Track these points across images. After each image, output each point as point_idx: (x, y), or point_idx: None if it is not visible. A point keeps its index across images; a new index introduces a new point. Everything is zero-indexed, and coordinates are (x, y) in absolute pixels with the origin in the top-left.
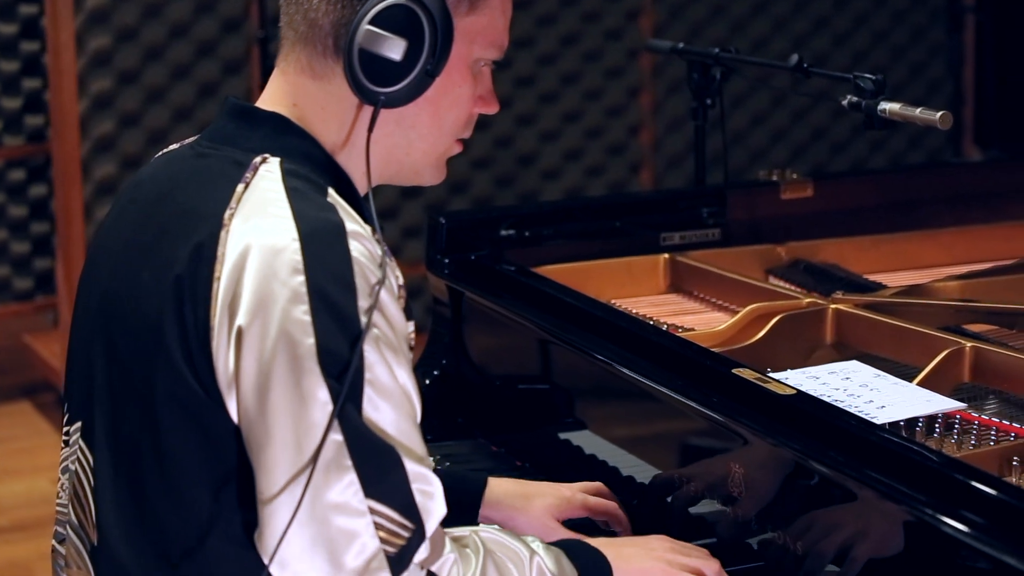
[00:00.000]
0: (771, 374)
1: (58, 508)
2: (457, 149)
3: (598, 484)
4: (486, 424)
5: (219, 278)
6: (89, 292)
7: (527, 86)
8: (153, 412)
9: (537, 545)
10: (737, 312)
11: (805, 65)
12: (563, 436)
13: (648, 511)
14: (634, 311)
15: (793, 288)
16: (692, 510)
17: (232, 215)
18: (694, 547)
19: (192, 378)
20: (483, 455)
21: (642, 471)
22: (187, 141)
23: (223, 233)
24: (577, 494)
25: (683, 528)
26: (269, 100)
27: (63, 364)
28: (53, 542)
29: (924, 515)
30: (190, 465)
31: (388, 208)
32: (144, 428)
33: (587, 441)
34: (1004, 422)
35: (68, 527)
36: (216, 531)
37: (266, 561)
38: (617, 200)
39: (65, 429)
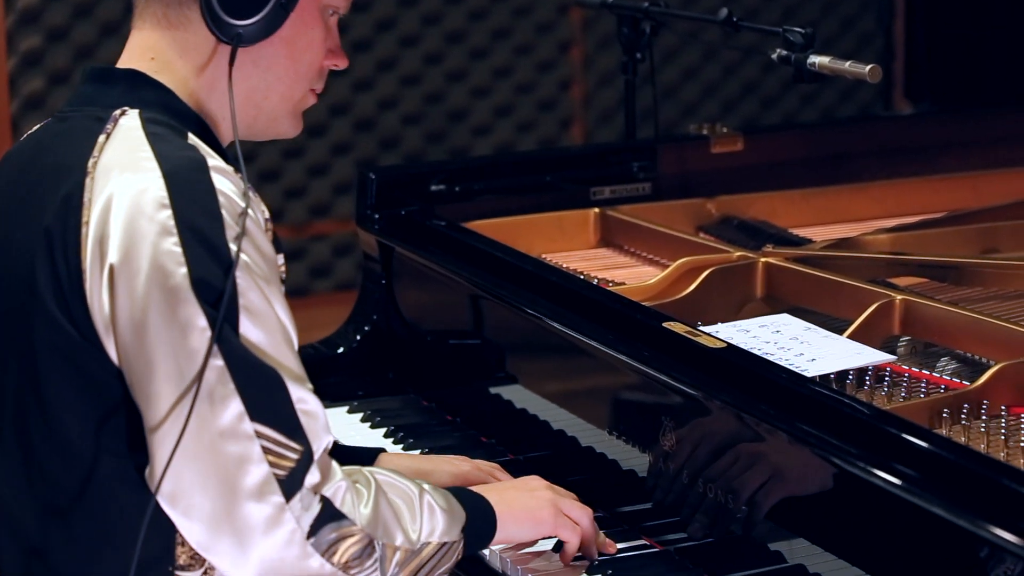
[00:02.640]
0: (702, 328)
1: None
2: (311, 100)
3: (495, 464)
4: (417, 379)
5: (87, 223)
6: None
7: (457, 42)
8: (34, 364)
9: (425, 484)
10: (668, 266)
11: (735, 19)
12: (494, 391)
13: (581, 468)
14: (565, 265)
15: (724, 242)
16: (624, 465)
17: (96, 163)
18: (566, 491)
19: (69, 325)
20: (414, 410)
21: (573, 425)
22: (50, 118)
23: (88, 180)
24: (479, 470)
25: (616, 484)
26: (127, 59)
27: None
28: None
29: (855, 467)
30: (73, 412)
31: (318, 165)
32: (26, 380)
33: (518, 395)
34: (934, 374)
35: None
36: (102, 475)
37: (159, 500)
38: (547, 155)
39: None
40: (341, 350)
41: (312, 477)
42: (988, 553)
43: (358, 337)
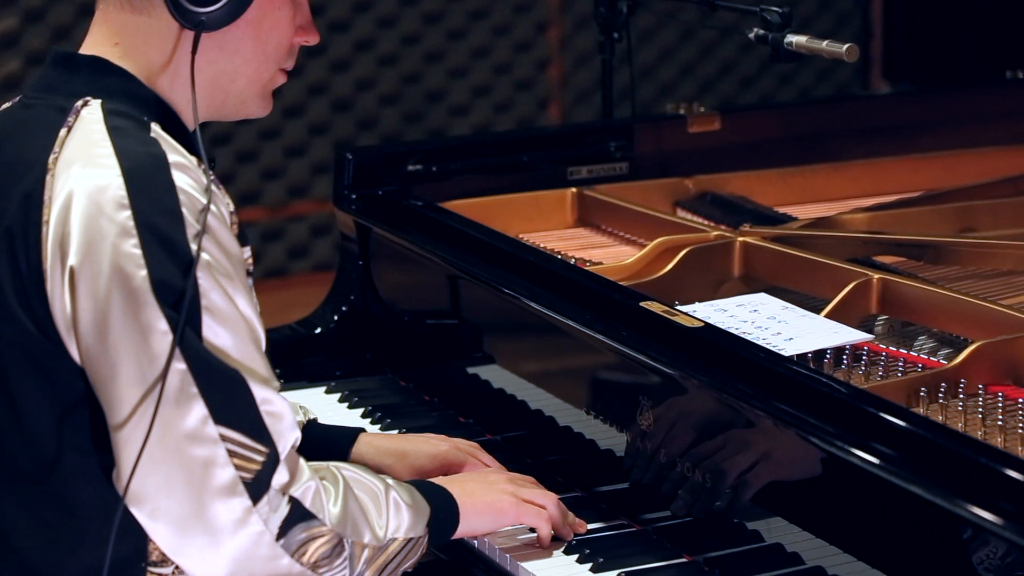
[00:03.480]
0: (679, 307)
1: None
2: (281, 80)
3: (474, 444)
4: (395, 359)
5: (48, 222)
6: None
7: (434, 22)
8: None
9: (390, 480)
10: (645, 245)
11: None
12: (472, 370)
13: (559, 448)
14: (542, 245)
15: (701, 221)
16: (601, 445)
17: (56, 159)
18: (527, 478)
19: (31, 324)
20: (392, 390)
21: (551, 405)
22: (17, 98)
23: (48, 178)
24: (459, 450)
25: (594, 464)
26: (90, 44)
27: None
28: None
29: (832, 446)
30: (36, 406)
31: (295, 145)
32: None
33: (496, 375)
34: (911, 353)
35: None
36: (66, 469)
37: (127, 503)
38: (525, 134)
39: None
40: (319, 331)
41: (280, 477)
42: (965, 531)
43: (335, 318)
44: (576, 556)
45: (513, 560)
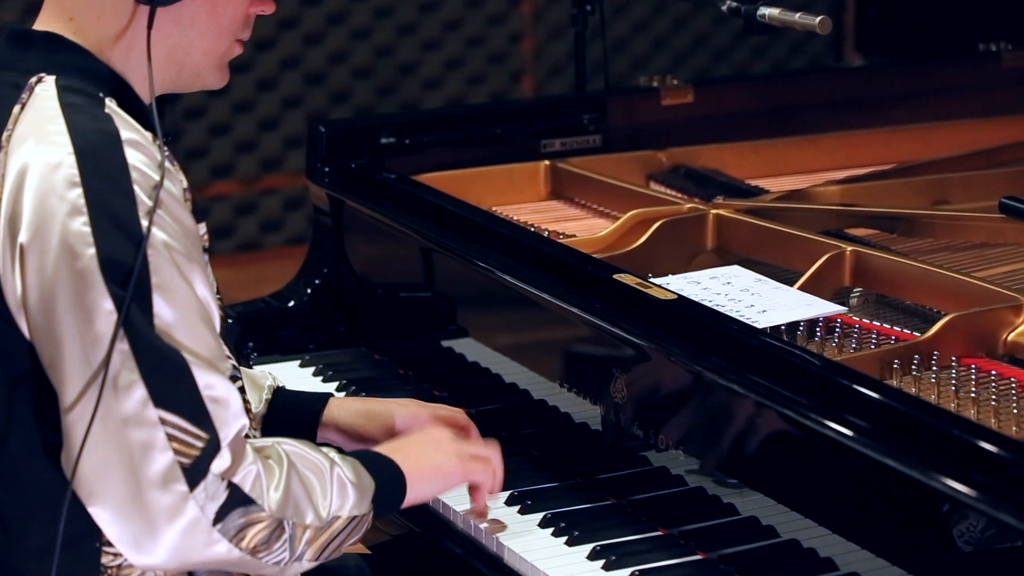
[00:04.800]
0: (652, 280)
1: None
2: (238, 50)
3: (459, 410)
4: (368, 333)
5: (0, 199)
6: None
7: None
8: None
9: (335, 455)
10: (618, 218)
11: None
12: (446, 344)
13: (533, 421)
14: (515, 218)
15: (674, 193)
16: (576, 418)
17: (9, 136)
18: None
19: None
20: (366, 364)
21: (525, 378)
22: None
23: (1, 155)
24: (427, 409)
25: (569, 437)
26: (45, 20)
27: None
28: None
29: (806, 419)
30: None
31: (269, 119)
32: None
33: (469, 348)
34: (884, 325)
35: None
36: (13, 443)
37: (69, 478)
38: (498, 107)
39: None
40: (292, 304)
41: (220, 463)
42: (938, 503)
43: (309, 291)
44: (552, 529)
45: (489, 534)
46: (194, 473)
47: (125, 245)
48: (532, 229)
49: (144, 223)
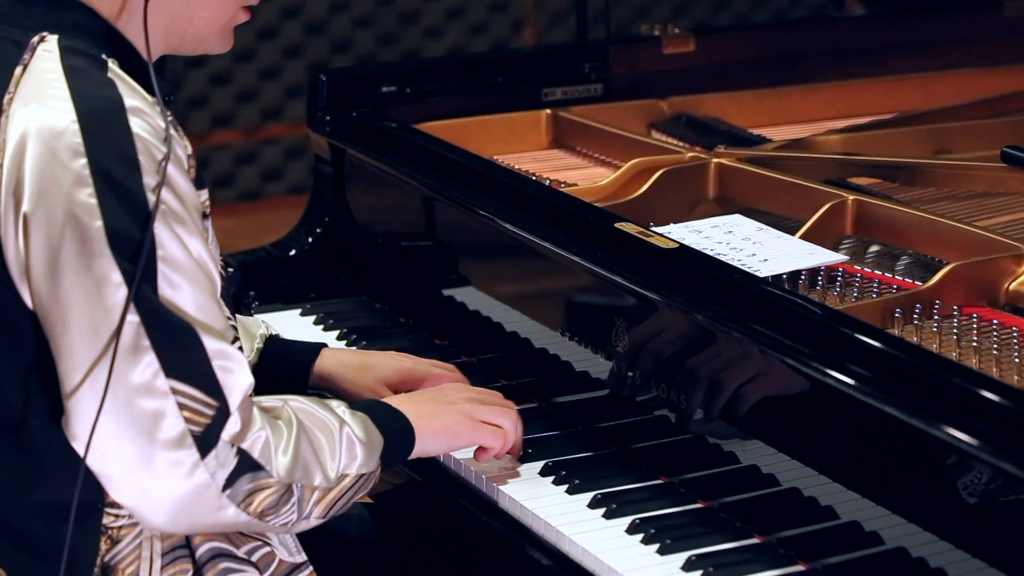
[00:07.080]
0: (654, 228)
1: None
2: (244, 17)
3: (452, 367)
4: (369, 282)
5: (2, 165)
6: None
7: None
8: None
9: (344, 412)
10: (620, 167)
11: None
12: (447, 293)
13: (534, 369)
14: (516, 167)
15: (676, 142)
16: (577, 367)
17: (11, 99)
18: (489, 392)
19: None
20: (367, 312)
21: (526, 327)
22: None
23: (3, 119)
24: (421, 364)
25: (570, 386)
26: None
27: None
28: None
29: (808, 367)
30: None
31: (270, 68)
32: None
33: (471, 297)
34: (886, 274)
35: None
36: (15, 405)
37: (80, 450)
38: (499, 56)
39: None
40: (293, 252)
41: (231, 428)
42: (939, 452)
43: (310, 240)
44: (552, 478)
45: (490, 483)
46: (205, 441)
47: (131, 218)
48: (533, 178)
49: (150, 196)
